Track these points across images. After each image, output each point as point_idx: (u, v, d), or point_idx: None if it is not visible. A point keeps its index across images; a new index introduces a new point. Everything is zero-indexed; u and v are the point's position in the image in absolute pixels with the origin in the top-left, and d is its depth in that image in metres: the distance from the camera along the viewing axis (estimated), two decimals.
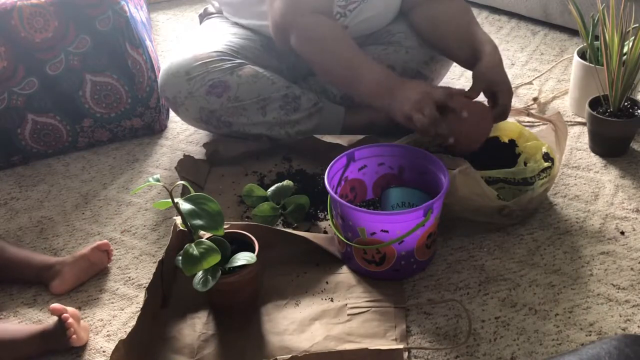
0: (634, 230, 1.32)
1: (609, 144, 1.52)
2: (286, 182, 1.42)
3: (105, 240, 1.32)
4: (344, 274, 1.26)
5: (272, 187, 1.42)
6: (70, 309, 1.14)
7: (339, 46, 1.43)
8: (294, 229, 1.37)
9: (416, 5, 1.62)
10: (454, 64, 1.92)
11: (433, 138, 1.33)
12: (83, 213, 1.50)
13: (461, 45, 1.50)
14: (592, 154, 1.54)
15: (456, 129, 1.30)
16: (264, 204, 1.39)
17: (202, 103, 1.53)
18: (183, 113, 1.58)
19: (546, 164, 1.36)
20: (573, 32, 2.04)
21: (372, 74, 1.38)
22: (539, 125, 1.60)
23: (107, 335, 1.19)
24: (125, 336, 1.08)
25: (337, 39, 1.44)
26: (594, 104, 1.53)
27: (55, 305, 1.13)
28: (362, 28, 1.62)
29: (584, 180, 1.47)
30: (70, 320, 1.12)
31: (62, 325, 1.12)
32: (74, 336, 1.12)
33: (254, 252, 1.14)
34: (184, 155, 1.55)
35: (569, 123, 1.64)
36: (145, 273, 1.32)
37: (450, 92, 1.31)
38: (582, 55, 1.64)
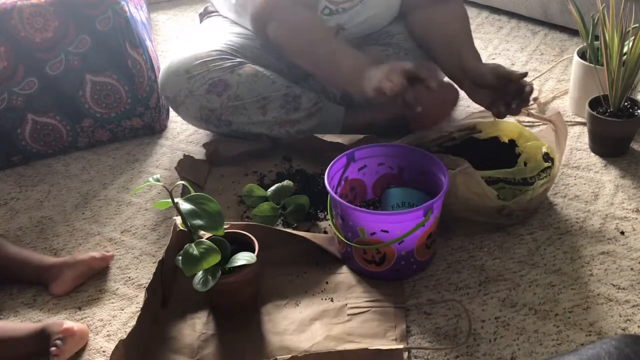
0: (634, 230, 1.32)
1: (609, 144, 1.52)
2: (286, 182, 1.42)
3: (111, 253, 1.33)
4: (344, 274, 1.26)
5: (272, 187, 1.42)
6: (70, 323, 1.14)
7: (314, 36, 1.44)
8: (294, 229, 1.37)
9: (414, 8, 1.61)
10: None
11: (401, 107, 1.32)
12: (83, 213, 1.50)
13: (447, 57, 1.50)
14: (592, 154, 1.54)
15: (423, 99, 1.29)
16: (264, 204, 1.39)
17: (202, 102, 1.53)
18: (183, 112, 1.58)
19: (546, 164, 1.36)
20: (573, 32, 2.04)
21: (347, 59, 1.39)
22: (539, 125, 1.60)
23: (107, 335, 1.19)
24: (125, 336, 1.08)
25: (313, 28, 1.45)
26: (594, 104, 1.53)
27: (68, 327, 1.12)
28: (361, 29, 1.62)
29: (584, 180, 1.47)
30: (59, 342, 1.11)
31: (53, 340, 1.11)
32: (56, 358, 1.11)
33: (254, 252, 1.14)
34: (184, 155, 1.55)
35: (569, 123, 1.64)
36: (145, 273, 1.32)
37: (420, 65, 1.31)
38: (582, 55, 1.64)
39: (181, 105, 1.56)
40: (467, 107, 1.76)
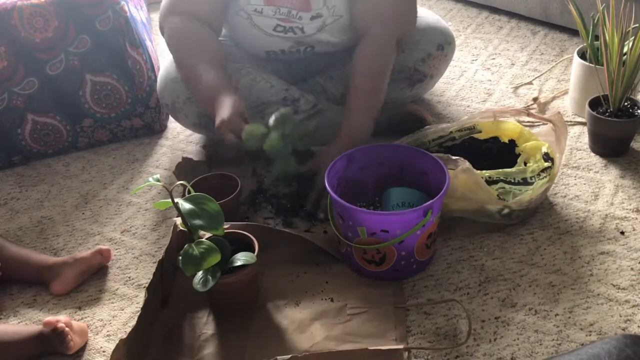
0: (634, 230, 1.32)
1: (609, 144, 1.52)
2: (283, 110, 1.35)
3: (108, 247, 1.33)
4: (344, 274, 1.26)
5: (272, 118, 1.34)
6: (61, 317, 1.14)
7: (192, 55, 1.45)
8: (304, 165, 1.37)
9: (359, 38, 1.53)
10: (453, 60, 1.93)
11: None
12: (83, 213, 1.50)
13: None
14: (592, 154, 1.54)
15: None
16: (272, 136, 1.31)
17: (201, 108, 1.52)
18: (182, 119, 1.57)
19: (546, 164, 1.36)
20: (573, 32, 2.04)
21: (207, 87, 1.40)
22: (539, 125, 1.60)
23: (107, 335, 1.19)
24: (125, 336, 1.08)
25: (194, 46, 1.46)
26: (594, 104, 1.53)
27: (49, 320, 1.13)
28: (328, 49, 1.59)
29: (584, 180, 1.47)
30: (67, 328, 1.12)
31: (57, 334, 1.12)
32: (72, 343, 1.13)
33: (253, 252, 1.14)
34: (182, 158, 1.55)
35: (569, 123, 1.64)
36: (145, 273, 1.32)
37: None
38: (582, 55, 1.64)
39: (180, 112, 1.55)
40: (467, 107, 1.76)
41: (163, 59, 1.65)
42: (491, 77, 1.88)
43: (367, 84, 1.46)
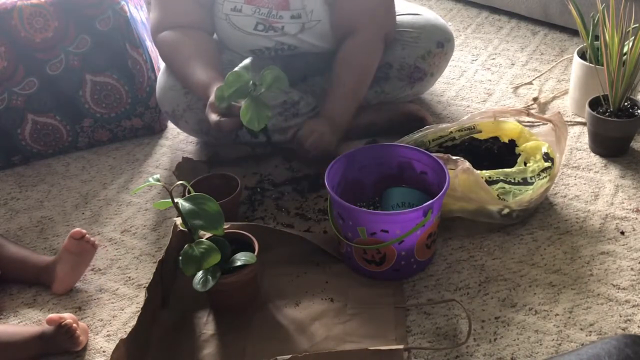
0: (634, 230, 1.32)
1: (609, 144, 1.52)
2: (244, 61, 1.28)
3: (77, 229, 1.26)
4: (344, 274, 1.26)
5: (235, 68, 1.27)
6: (67, 314, 1.14)
7: (181, 59, 1.48)
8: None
9: (340, 41, 1.55)
10: (454, 60, 1.93)
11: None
12: (83, 213, 1.50)
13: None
14: (592, 154, 1.54)
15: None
16: (228, 77, 1.23)
17: (202, 115, 1.51)
18: (183, 125, 1.57)
19: (546, 164, 1.36)
20: (573, 32, 2.04)
21: (200, 90, 1.42)
22: (539, 125, 1.60)
23: (107, 335, 1.19)
24: (125, 336, 1.08)
25: (183, 50, 1.49)
26: (594, 104, 1.53)
27: (51, 317, 1.12)
28: (311, 49, 1.60)
29: (584, 180, 1.47)
30: (74, 325, 1.12)
31: (65, 331, 1.12)
32: (81, 337, 1.13)
33: (253, 252, 1.14)
34: (182, 158, 1.55)
35: (569, 123, 1.64)
36: (145, 273, 1.32)
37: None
38: (582, 55, 1.64)
39: (180, 119, 1.55)
40: (467, 107, 1.76)
41: (161, 63, 1.65)
42: (491, 77, 1.88)
43: (350, 75, 1.50)
